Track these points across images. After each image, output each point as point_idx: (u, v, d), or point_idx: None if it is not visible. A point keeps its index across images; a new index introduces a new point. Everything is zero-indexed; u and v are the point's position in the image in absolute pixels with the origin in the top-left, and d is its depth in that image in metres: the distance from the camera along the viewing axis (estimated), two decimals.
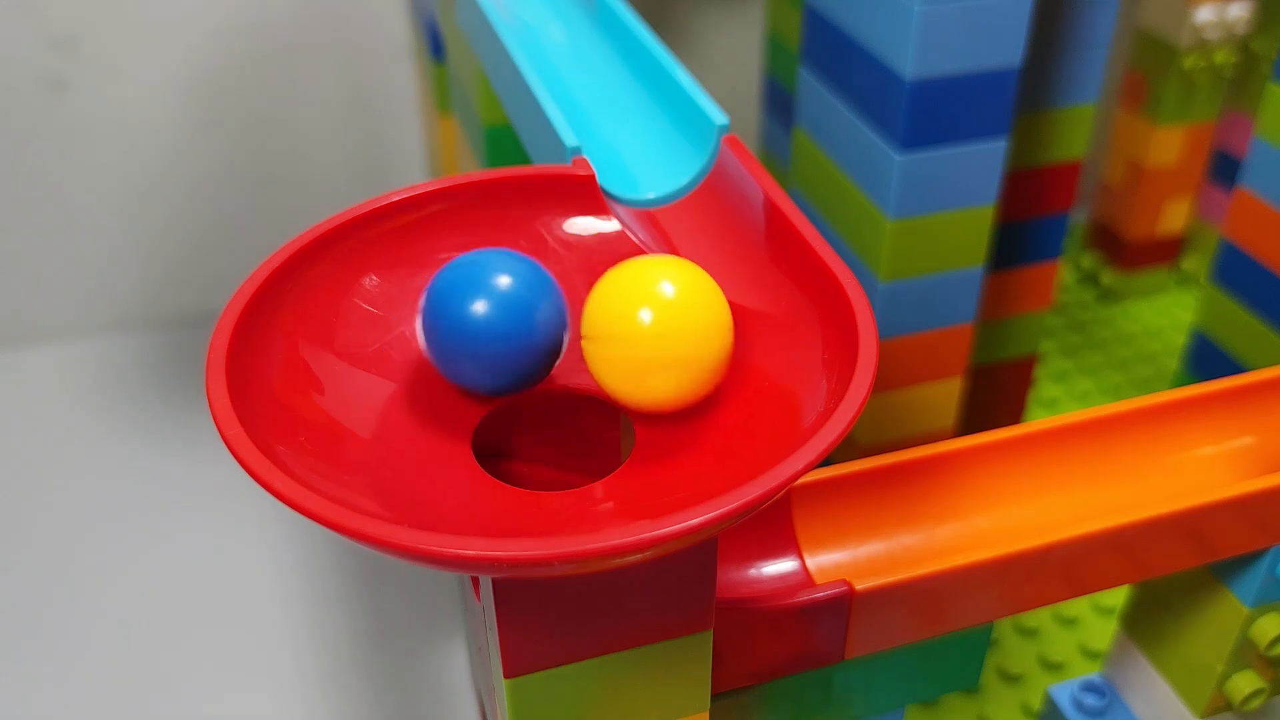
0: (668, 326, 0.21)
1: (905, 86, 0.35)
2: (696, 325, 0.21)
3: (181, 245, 0.63)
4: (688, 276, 0.22)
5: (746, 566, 0.28)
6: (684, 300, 0.21)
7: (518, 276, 0.22)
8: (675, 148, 0.29)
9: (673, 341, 0.21)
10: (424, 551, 0.18)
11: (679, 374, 0.22)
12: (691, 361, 0.21)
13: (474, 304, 0.22)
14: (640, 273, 0.22)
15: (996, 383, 0.48)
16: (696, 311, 0.21)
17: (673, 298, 0.21)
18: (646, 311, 0.21)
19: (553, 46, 0.35)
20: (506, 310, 0.22)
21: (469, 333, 0.22)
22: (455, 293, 0.22)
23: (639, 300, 0.21)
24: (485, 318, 0.22)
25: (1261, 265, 0.42)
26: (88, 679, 0.45)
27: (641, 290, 0.22)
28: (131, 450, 0.56)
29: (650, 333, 0.21)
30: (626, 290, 0.22)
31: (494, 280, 0.22)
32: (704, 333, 0.21)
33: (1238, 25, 0.56)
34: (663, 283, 0.22)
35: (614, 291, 0.22)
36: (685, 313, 0.21)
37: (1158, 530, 0.28)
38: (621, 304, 0.22)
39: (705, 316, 0.22)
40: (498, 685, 0.24)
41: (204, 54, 0.59)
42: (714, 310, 0.22)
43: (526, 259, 0.23)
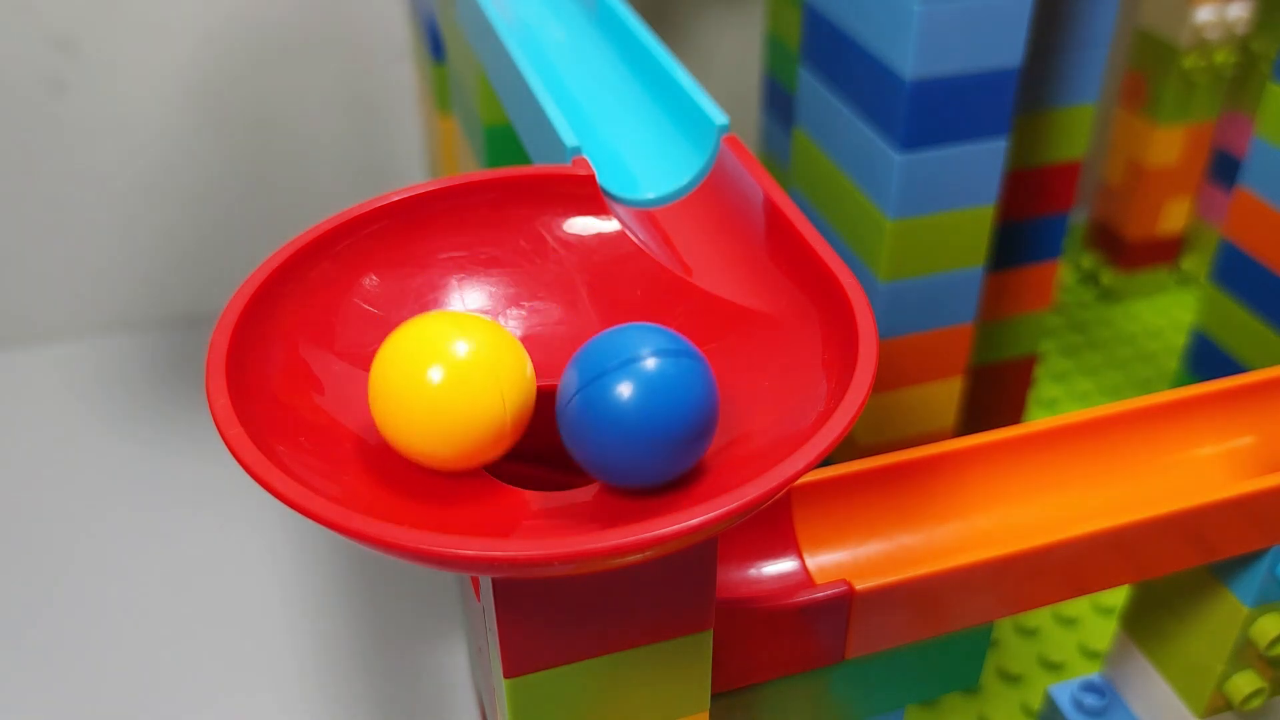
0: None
1: (905, 86, 0.35)
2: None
3: (181, 245, 0.63)
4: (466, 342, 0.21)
5: (746, 566, 0.28)
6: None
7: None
8: (675, 148, 0.29)
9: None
10: (424, 551, 0.18)
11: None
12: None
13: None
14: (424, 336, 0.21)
15: (996, 383, 0.48)
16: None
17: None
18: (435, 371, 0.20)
19: (553, 46, 0.35)
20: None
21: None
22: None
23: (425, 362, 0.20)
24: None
25: (1261, 265, 0.42)
26: (88, 679, 0.45)
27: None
28: (131, 450, 0.56)
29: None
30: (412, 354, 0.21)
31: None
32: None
33: (1238, 25, 0.56)
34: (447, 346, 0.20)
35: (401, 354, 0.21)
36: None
37: (1158, 530, 0.28)
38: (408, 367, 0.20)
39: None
40: (498, 685, 0.24)
41: (204, 54, 0.59)
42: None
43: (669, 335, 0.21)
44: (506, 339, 0.21)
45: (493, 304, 0.25)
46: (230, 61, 0.59)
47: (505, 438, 0.21)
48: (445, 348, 0.21)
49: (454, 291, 0.25)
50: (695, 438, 0.20)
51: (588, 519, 0.21)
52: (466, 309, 0.25)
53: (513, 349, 0.21)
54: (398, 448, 0.21)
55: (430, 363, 0.20)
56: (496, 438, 0.21)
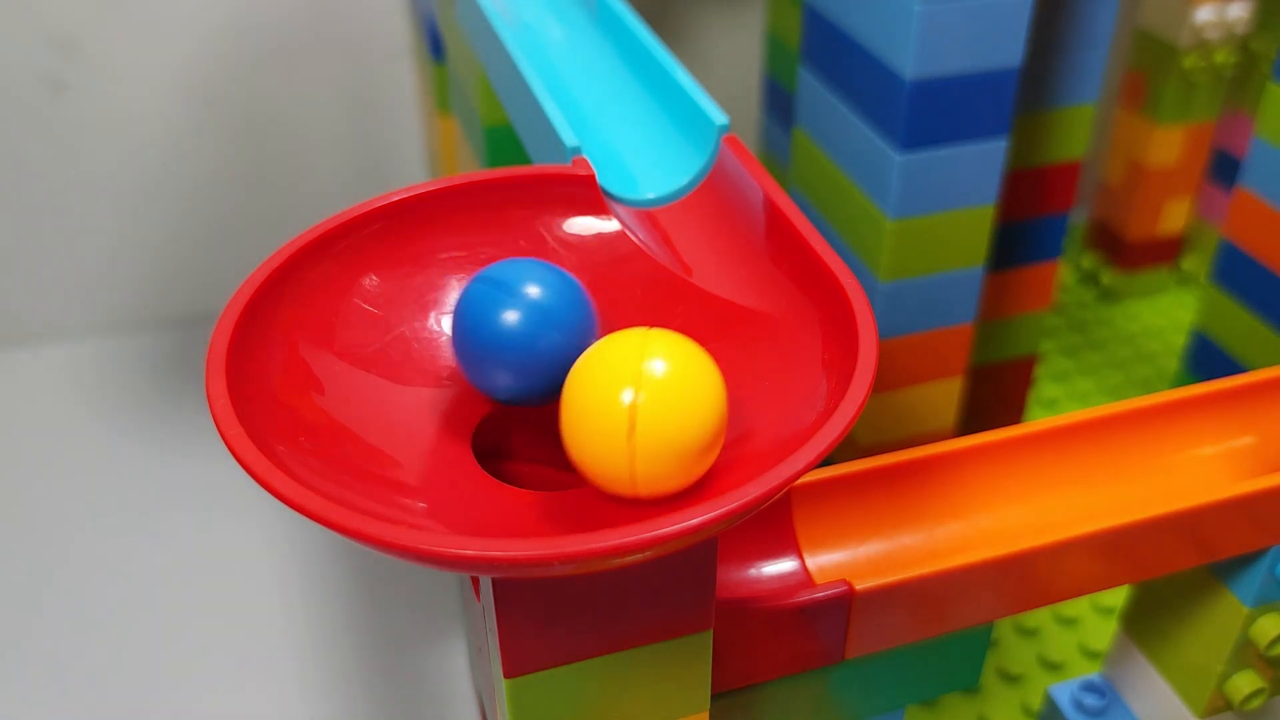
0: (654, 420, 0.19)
1: (905, 86, 0.35)
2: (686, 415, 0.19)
3: (181, 245, 0.63)
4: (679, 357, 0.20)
5: (746, 566, 0.28)
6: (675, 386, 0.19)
7: (550, 288, 0.22)
8: (675, 148, 0.29)
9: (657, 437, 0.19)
10: (424, 551, 0.18)
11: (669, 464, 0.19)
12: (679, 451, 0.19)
13: (507, 313, 0.22)
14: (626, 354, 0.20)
15: (996, 383, 0.48)
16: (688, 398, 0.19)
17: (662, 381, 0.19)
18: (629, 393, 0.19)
19: (553, 46, 0.35)
20: (541, 318, 0.22)
21: (505, 341, 0.22)
22: (490, 301, 0.22)
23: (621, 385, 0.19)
24: (521, 326, 0.22)
25: (1261, 265, 0.42)
26: (88, 679, 0.45)
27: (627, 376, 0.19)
28: (131, 450, 0.56)
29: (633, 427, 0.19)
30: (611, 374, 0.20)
31: (527, 289, 0.22)
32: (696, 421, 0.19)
33: (1238, 25, 0.56)
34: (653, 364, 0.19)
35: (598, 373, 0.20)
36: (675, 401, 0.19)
37: (1158, 530, 0.28)
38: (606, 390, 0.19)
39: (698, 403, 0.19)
40: (498, 685, 0.24)
41: (204, 54, 0.59)
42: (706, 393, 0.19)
43: (558, 270, 0.23)
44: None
45: None
46: (230, 61, 0.59)
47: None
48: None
49: (454, 291, 0.25)
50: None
51: (588, 519, 0.21)
52: None
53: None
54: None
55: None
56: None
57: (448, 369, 0.24)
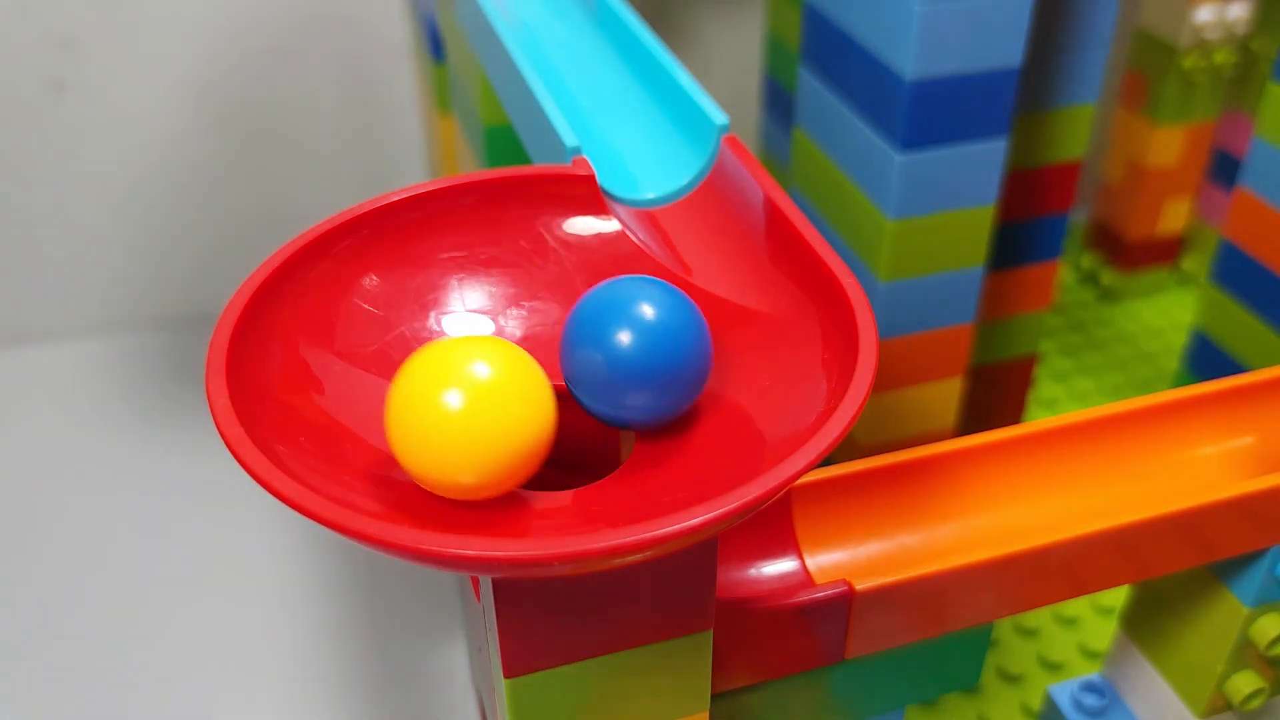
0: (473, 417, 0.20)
1: (905, 86, 0.35)
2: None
3: (181, 245, 0.63)
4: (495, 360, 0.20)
5: (746, 566, 0.28)
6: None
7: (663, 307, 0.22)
8: (675, 148, 0.29)
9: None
10: (424, 551, 0.18)
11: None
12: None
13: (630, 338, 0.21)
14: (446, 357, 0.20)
15: (996, 383, 0.48)
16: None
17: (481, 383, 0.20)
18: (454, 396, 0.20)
19: (553, 46, 0.35)
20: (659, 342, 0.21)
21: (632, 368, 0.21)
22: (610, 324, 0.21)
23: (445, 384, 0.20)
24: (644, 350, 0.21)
25: (1261, 265, 0.42)
26: (87, 679, 0.45)
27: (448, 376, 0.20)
28: (131, 450, 0.56)
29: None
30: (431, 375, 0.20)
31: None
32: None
33: (1238, 25, 0.56)
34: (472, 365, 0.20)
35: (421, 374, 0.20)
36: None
37: (1158, 530, 0.28)
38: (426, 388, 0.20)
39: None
40: (498, 685, 0.24)
41: (204, 54, 0.59)
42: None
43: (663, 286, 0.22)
44: (525, 362, 0.21)
45: (493, 304, 0.25)
46: (230, 61, 0.59)
47: (532, 463, 0.20)
48: (466, 371, 0.20)
49: (454, 291, 0.25)
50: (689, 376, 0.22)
51: (588, 519, 0.21)
52: (467, 309, 0.25)
53: (534, 373, 0.21)
54: (421, 478, 0.20)
55: (450, 386, 0.20)
56: (525, 463, 0.20)
57: None
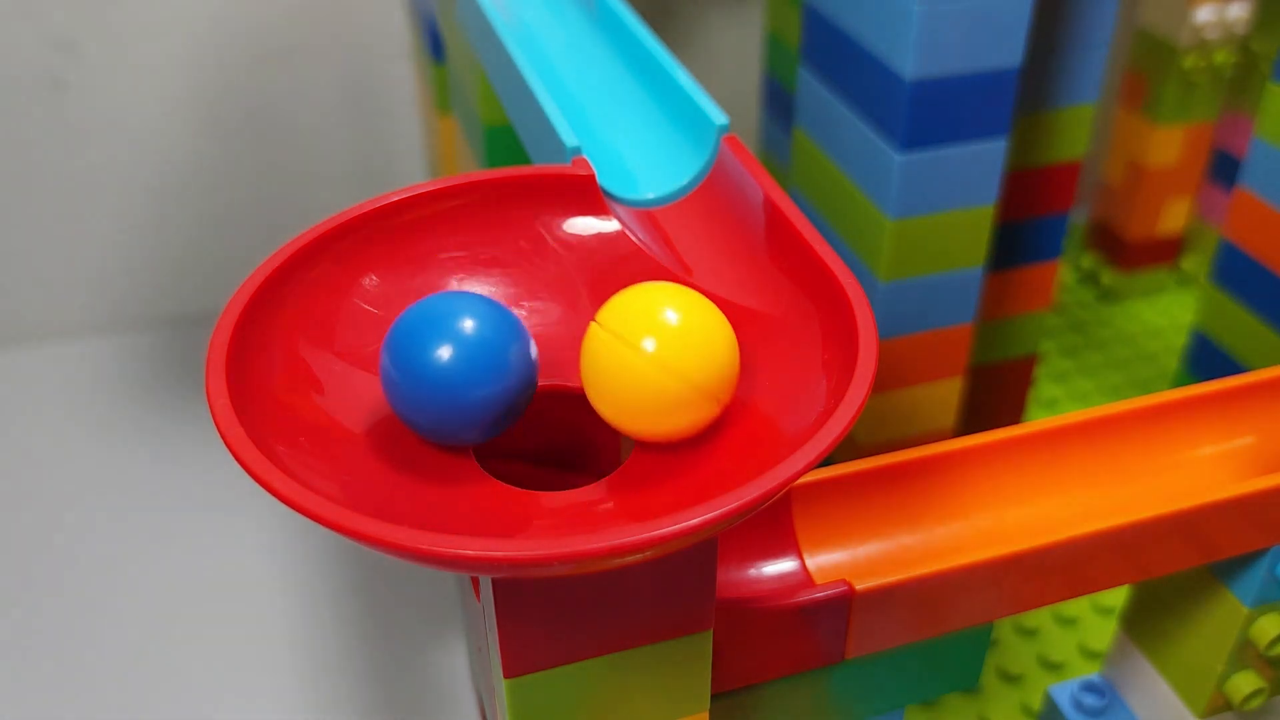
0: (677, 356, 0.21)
1: (905, 86, 0.35)
2: (700, 358, 0.21)
3: (181, 245, 0.63)
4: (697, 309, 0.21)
5: (746, 566, 0.28)
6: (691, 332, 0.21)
7: (482, 319, 0.21)
8: (675, 148, 0.29)
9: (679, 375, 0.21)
10: (424, 551, 0.18)
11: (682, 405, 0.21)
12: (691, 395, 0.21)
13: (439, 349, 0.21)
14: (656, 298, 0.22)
15: (996, 383, 0.48)
16: (702, 344, 0.21)
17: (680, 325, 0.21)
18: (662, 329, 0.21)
19: (553, 46, 0.35)
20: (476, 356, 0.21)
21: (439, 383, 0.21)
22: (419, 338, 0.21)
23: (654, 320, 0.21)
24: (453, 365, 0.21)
25: (1261, 265, 0.42)
26: (87, 679, 0.45)
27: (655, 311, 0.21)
28: (131, 450, 0.56)
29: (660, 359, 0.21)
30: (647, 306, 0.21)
31: (459, 324, 0.21)
32: (707, 366, 0.21)
33: (1238, 25, 0.56)
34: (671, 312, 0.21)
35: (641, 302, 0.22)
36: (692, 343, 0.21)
37: (1158, 530, 0.28)
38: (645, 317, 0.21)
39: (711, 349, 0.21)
40: (498, 685, 0.24)
41: (204, 54, 0.59)
42: (718, 344, 0.21)
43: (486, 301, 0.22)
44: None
45: None
46: (230, 61, 0.59)
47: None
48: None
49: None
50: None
51: (588, 519, 0.21)
52: None
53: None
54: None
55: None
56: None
57: None
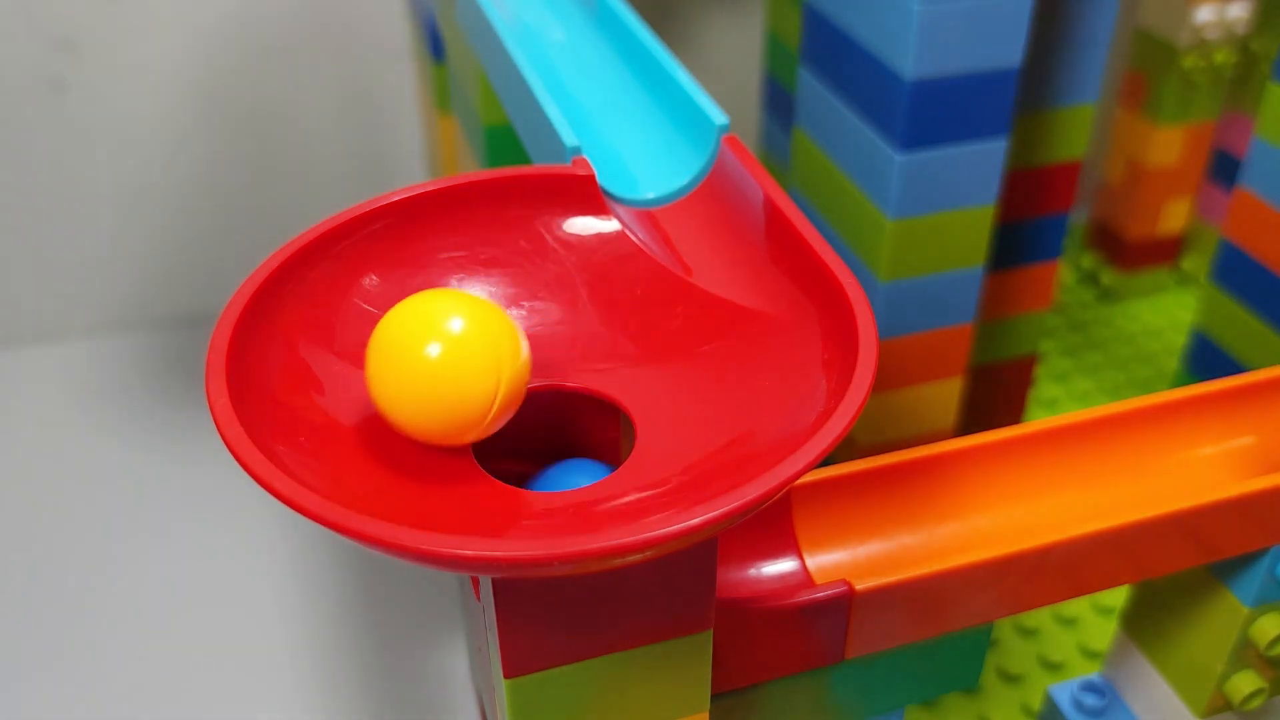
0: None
1: (905, 86, 0.35)
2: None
3: (181, 245, 0.63)
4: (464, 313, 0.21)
5: (746, 566, 0.28)
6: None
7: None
8: (675, 148, 0.29)
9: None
10: (424, 551, 0.18)
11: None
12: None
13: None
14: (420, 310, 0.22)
15: (996, 383, 0.48)
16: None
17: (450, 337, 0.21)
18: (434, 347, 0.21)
19: (553, 46, 0.35)
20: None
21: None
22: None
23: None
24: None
25: (1261, 265, 0.42)
26: (87, 678, 0.45)
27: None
28: (131, 450, 0.56)
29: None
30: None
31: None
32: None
33: (1238, 25, 0.56)
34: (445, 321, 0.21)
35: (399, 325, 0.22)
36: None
37: (1158, 530, 0.28)
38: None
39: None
40: (498, 685, 0.24)
41: (204, 54, 0.59)
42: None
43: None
44: (503, 319, 0.22)
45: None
46: (230, 61, 0.59)
47: (493, 416, 0.21)
48: (442, 323, 0.21)
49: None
50: None
51: (588, 519, 0.21)
52: None
53: (508, 329, 0.22)
54: (390, 417, 0.21)
55: (429, 338, 0.21)
56: (483, 415, 0.21)
57: None
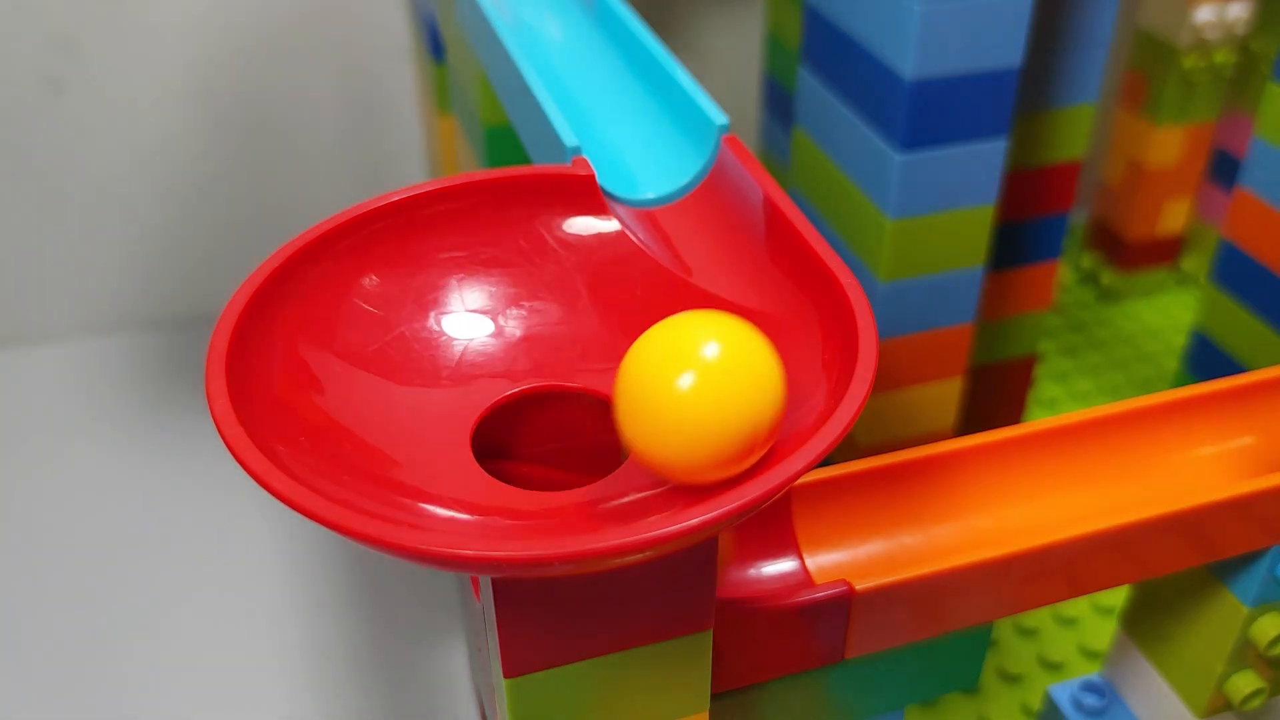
0: (707, 394, 0.19)
1: (905, 86, 0.35)
2: (740, 393, 0.19)
3: (181, 245, 0.63)
4: (734, 336, 0.20)
5: (746, 566, 0.28)
6: (727, 364, 0.19)
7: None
8: (675, 148, 0.29)
9: (712, 411, 0.19)
10: (424, 551, 0.18)
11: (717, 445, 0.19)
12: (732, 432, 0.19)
13: None
14: (682, 332, 0.20)
15: (996, 383, 0.48)
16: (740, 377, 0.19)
17: (715, 361, 0.19)
18: (687, 377, 0.19)
19: (553, 46, 0.35)
20: None
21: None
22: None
23: (678, 363, 0.19)
24: None
25: (1261, 265, 0.42)
26: (87, 678, 0.45)
27: (682, 351, 0.19)
28: (131, 450, 0.56)
29: (687, 399, 0.19)
30: (664, 350, 0.19)
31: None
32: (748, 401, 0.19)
33: (1238, 25, 0.56)
34: (707, 345, 0.19)
35: (651, 351, 0.20)
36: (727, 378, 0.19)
37: (1158, 530, 0.28)
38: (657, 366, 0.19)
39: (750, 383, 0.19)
40: (498, 685, 0.24)
41: (204, 54, 0.59)
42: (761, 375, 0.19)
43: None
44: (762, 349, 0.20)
45: (493, 304, 0.25)
46: (230, 61, 0.59)
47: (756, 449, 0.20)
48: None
49: (454, 291, 0.25)
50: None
51: (588, 519, 0.21)
52: (467, 309, 0.25)
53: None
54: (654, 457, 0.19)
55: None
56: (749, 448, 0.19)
57: (448, 369, 0.24)
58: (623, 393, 0.20)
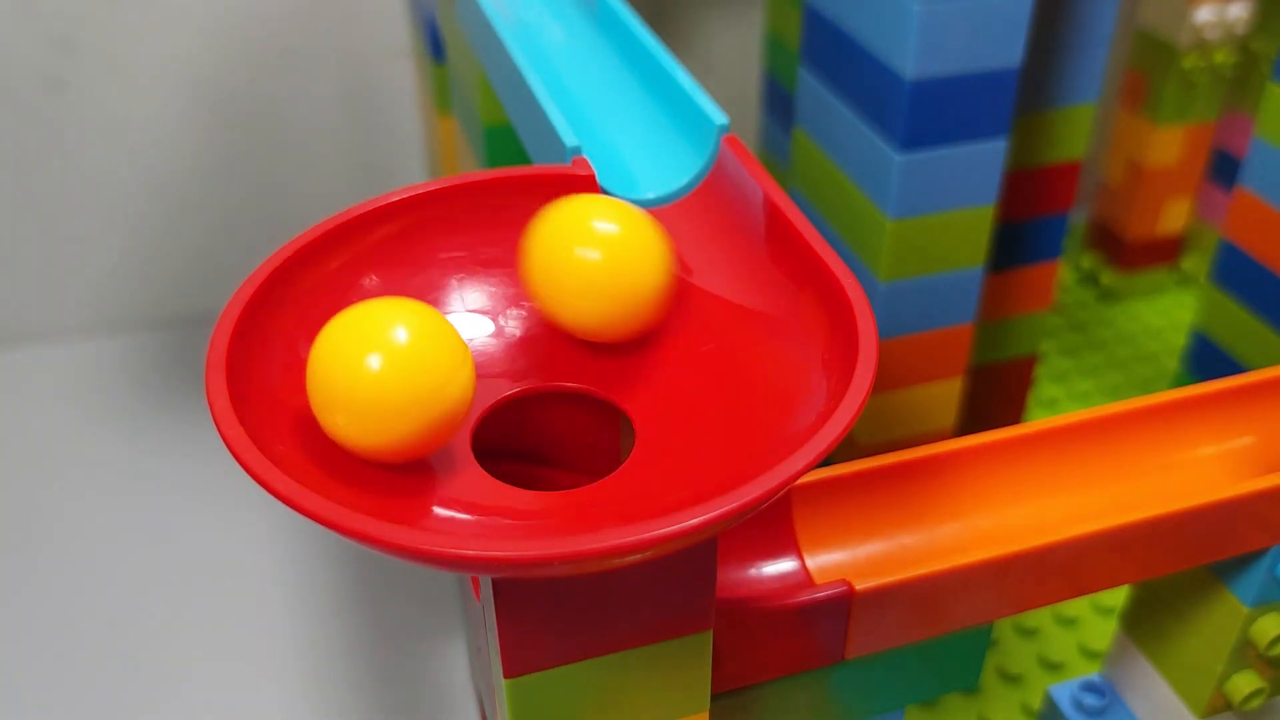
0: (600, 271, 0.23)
1: (905, 86, 0.35)
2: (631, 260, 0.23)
3: (181, 245, 0.63)
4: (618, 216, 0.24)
5: (746, 566, 0.28)
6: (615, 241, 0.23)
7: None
8: (675, 148, 0.29)
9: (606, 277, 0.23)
10: (424, 551, 0.18)
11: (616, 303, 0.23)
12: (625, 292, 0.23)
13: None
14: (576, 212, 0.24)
15: (996, 383, 0.48)
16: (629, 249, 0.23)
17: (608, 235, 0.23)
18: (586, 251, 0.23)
19: (553, 46, 0.35)
20: None
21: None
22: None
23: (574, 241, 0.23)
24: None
25: (1261, 265, 0.42)
26: (87, 678, 0.45)
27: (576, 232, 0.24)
28: (131, 450, 0.56)
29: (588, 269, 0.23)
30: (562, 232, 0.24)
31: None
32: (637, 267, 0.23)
33: (1238, 25, 0.56)
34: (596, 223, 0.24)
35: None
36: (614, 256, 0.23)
37: (1158, 530, 0.28)
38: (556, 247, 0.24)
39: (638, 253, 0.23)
40: (498, 685, 0.24)
41: (204, 54, 0.59)
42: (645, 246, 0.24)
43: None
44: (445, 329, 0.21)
45: (493, 304, 0.25)
46: (230, 61, 0.59)
47: (446, 430, 0.21)
48: (387, 335, 0.21)
49: (454, 291, 0.25)
50: None
51: (588, 519, 0.21)
52: (467, 309, 0.25)
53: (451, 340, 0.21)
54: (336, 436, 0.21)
55: (370, 350, 0.20)
56: (442, 426, 0.21)
57: None
58: (532, 264, 0.24)
